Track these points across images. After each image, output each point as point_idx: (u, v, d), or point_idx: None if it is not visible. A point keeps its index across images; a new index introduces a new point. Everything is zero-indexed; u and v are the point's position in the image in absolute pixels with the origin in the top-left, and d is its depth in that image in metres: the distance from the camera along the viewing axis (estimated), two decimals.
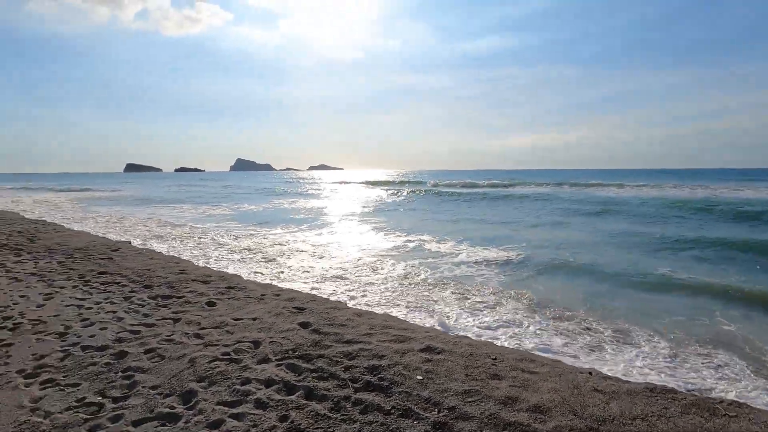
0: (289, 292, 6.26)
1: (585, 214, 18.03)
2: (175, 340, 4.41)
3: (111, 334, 4.63)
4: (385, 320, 5.03)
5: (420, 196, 30.67)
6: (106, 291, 6.21)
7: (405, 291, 7.02)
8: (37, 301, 5.72)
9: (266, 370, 3.73)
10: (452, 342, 4.36)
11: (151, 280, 6.75)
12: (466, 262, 9.08)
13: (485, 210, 21.38)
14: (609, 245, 11.20)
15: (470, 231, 13.94)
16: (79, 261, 8.13)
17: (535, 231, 14.19)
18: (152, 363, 3.95)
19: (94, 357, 4.08)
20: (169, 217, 18.92)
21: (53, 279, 6.84)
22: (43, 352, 4.19)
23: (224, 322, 4.90)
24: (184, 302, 5.65)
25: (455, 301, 6.52)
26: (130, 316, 5.19)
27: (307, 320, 4.89)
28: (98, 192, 42.94)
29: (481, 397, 3.29)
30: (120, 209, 23.00)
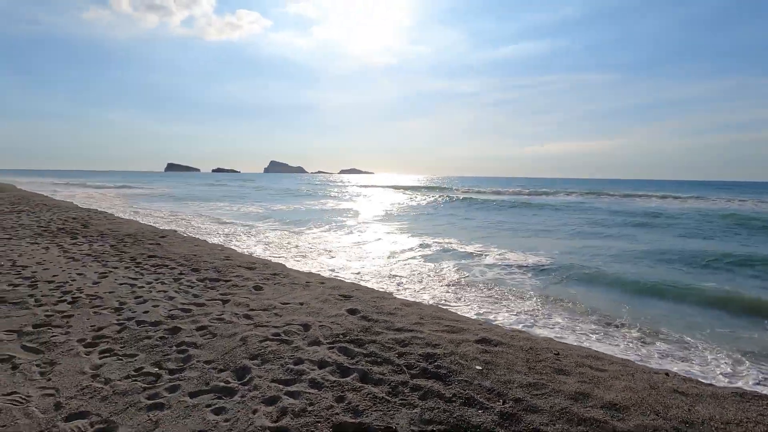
0: (333, 280, 6.20)
1: (626, 225, 17.12)
2: (226, 320, 4.41)
3: (163, 311, 4.69)
4: (434, 311, 4.86)
5: (449, 202, 30.22)
6: (156, 272, 6.35)
7: (444, 288, 6.82)
8: (93, 279, 5.91)
9: (318, 352, 3.64)
10: (509, 335, 4.13)
11: (198, 264, 6.86)
12: (499, 266, 8.73)
13: (516, 217, 20.75)
14: (650, 256, 10.44)
15: (500, 237, 13.52)
16: (129, 245, 8.42)
17: (569, 239, 13.59)
18: (205, 339, 3.95)
19: (148, 331, 4.13)
20: (208, 213, 19.48)
21: (107, 260, 7.08)
22: (101, 324, 4.29)
23: (272, 305, 4.87)
24: (231, 285, 5.68)
25: (497, 299, 6.26)
26: (181, 295, 5.26)
27: (355, 307, 4.78)
28: (142, 189, 44.96)
29: (549, 390, 3.06)
30: (162, 204, 23.94)
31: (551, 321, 5.36)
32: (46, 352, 3.69)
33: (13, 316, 4.49)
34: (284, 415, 2.74)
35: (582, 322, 5.35)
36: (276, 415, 2.74)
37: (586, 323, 5.32)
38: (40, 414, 2.76)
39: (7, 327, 4.20)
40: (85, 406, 2.85)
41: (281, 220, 17.50)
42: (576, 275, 8.01)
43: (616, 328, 5.22)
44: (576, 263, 9.07)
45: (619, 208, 24.83)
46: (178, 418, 2.73)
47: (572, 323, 5.31)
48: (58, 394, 2.99)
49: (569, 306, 6.08)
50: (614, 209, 24.10)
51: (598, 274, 8.22)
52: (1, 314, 4.54)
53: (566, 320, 5.42)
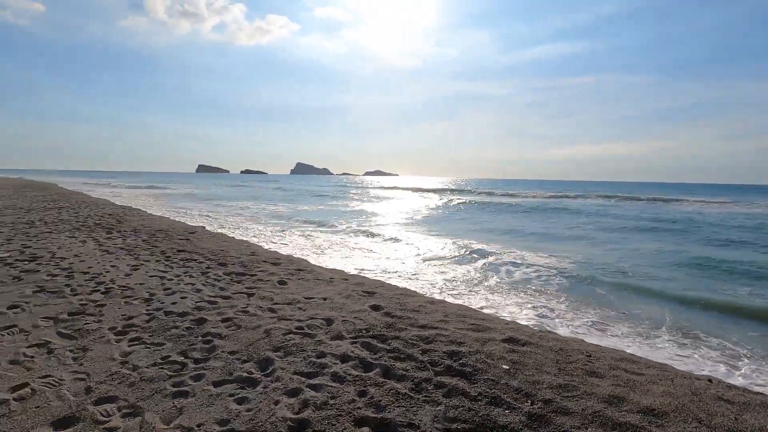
0: (357, 277, 6.17)
1: (656, 230, 16.36)
2: (250, 312, 4.45)
3: (191, 302, 4.78)
4: (459, 309, 4.75)
5: (475, 205, 29.78)
6: (185, 266, 6.50)
7: (469, 287, 6.67)
8: (125, 271, 6.10)
9: (341, 347, 3.61)
10: (537, 335, 3.98)
11: (225, 259, 6.98)
12: (525, 267, 8.49)
13: (542, 220, 20.21)
14: (684, 262, 9.86)
15: (525, 239, 13.18)
16: (160, 240, 8.67)
17: (597, 243, 13.09)
18: (229, 331, 3.98)
19: (176, 321, 4.21)
20: (235, 212, 19.91)
21: (138, 253, 7.30)
22: (131, 314, 4.40)
23: (296, 300, 4.88)
24: (256, 280, 5.74)
25: (523, 299, 6.08)
26: (208, 288, 5.34)
27: (379, 304, 4.73)
28: (174, 189, 46.46)
29: (581, 393, 2.92)
30: (193, 205, 24.66)
31: (580, 322, 5.15)
32: (79, 338, 3.81)
33: (51, 304, 4.67)
34: (306, 407, 2.71)
35: (613, 325, 5.11)
36: (298, 407, 2.72)
37: (618, 326, 5.09)
38: (72, 397, 2.83)
39: (44, 314, 4.37)
40: (114, 391, 2.91)
41: (305, 219, 17.67)
42: (606, 278, 7.68)
43: (651, 332, 4.95)
44: (606, 266, 8.73)
45: (649, 212, 23.84)
46: (202, 406, 2.74)
47: (603, 325, 5.08)
48: (88, 379, 3.07)
49: (599, 308, 5.83)
50: (642, 213, 23.16)
51: (629, 277, 7.87)
52: (40, 302, 4.73)
53: (596, 322, 5.20)
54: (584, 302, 6.10)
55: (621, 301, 6.25)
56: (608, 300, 6.28)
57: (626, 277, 7.88)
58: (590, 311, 5.68)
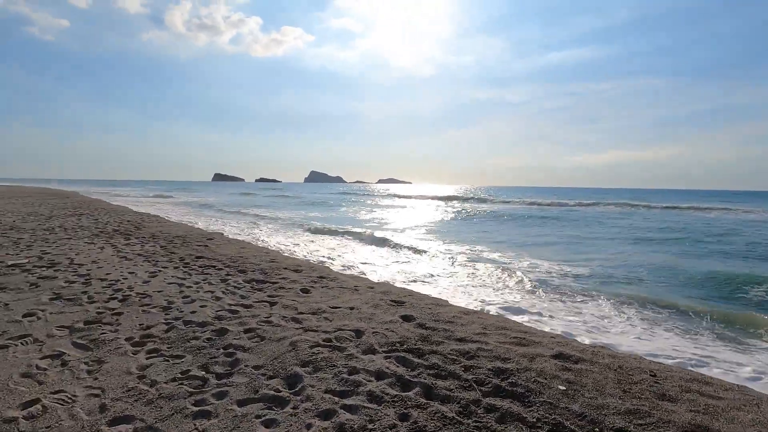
0: (383, 285, 5.86)
1: (696, 241, 15.66)
2: (274, 323, 4.17)
3: (211, 311, 4.52)
4: (497, 321, 4.38)
5: (491, 213, 29.22)
6: (204, 273, 6.27)
7: (500, 296, 6.29)
8: (143, 278, 5.90)
9: (374, 362, 3.29)
10: (589, 351, 3.59)
11: (244, 265, 6.75)
12: (556, 276, 8.08)
13: (569, 228, 19.62)
14: (718, 274, 9.33)
15: (550, 248, 12.69)
16: (179, 246, 8.50)
17: (631, 251, 12.52)
18: (253, 343, 3.70)
19: (196, 332, 3.95)
20: (252, 220, 19.84)
21: (157, 260, 7.13)
22: (149, 323, 4.16)
23: (321, 309, 4.59)
24: (278, 288, 5.47)
25: (561, 311, 5.67)
26: (228, 296, 5.09)
27: (410, 314, 4.40)
28: (192, 197, 46.97)
29: (655, 420, 2.53)
30: (210, 213, 24.75)
31: (631, 336, 4.73)
32: (95, 349, 3.57)
33: (67, 312, 4.47)
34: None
35: (668, 339, 4.68)
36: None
37: (675, 340, 4.65)
38: (85, 416, 2.57)
39: (60, 323, 4.16)
40: (130, 409, 2.64)
41: (318, 227, 17.45)
42: (649, 289, 7.22)
43: (713, 348, 4.51)
44: (645, 277, 8.25)
45: (678, 220, 22.99)
46: (226, 429, 2.45)
47: (656, 340, 4.65)
48: (103, 395, 2.81)
49: (649, 321, 5.39)
50: (671, 221, 22.34)
51: (676, 289, 7.39)
52: (56, 310, 4.54)
53: (648, 336, 4.77)
54: (632, 314, 5.66)
55: (670, 313, 5.79)
56: (659, 312, 5.83)
57: (672, 289, 7.40)
58: (641, 323, 5.25)
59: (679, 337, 4.88)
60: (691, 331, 5.07)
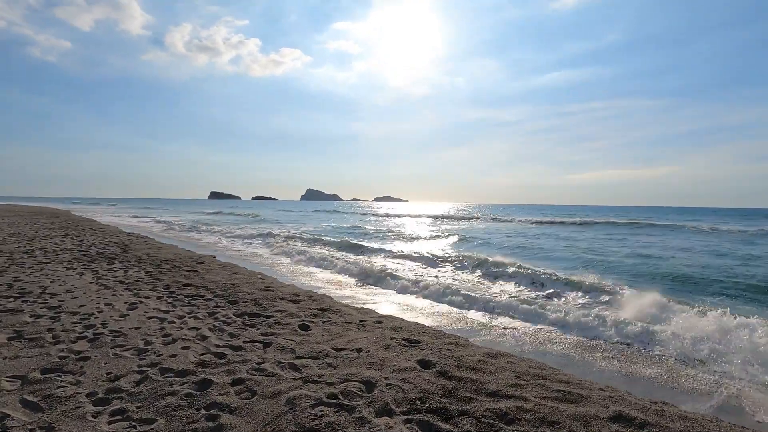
0: (392, 319, 5.20)
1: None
2: (267, 371, 3.50)
3: (194, 355, 3.86)
4: (531, 366, 3.74)
5: (491, 231, 28.65)
6: (190, 304, 5.60)
7: (522, 329, 5.65)
8: (121, 311, 5.23)
9: (392, 428, 2.64)
10: (655, 411, 2.95)
11: (236, 295, 6.08)
12: (579, 302, 7.45)
13: (583, 242, 19.06)
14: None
15: (568, 268, 12.08)
16: (165, 272, 7.82)
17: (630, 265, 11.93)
18: (241, 399, 3.04)
19: (173, 384, 3.28)
20: (245, 240, 19.15)
21: (139, 288, 6.45)
22: (119, 372, 3.49)
23: (323, 352, 3.93)
24: (273, 323, 4.81)
25: (602, 348, 5.03)
26: (215, 335, 4.43)
27: (427, 358, 3.76)
28: (188, 216, 46.16)
29: None
30: (199, 236, 23.99)
31: (696, 385, 4.07)
32: (47, 410, 2.90)
33: (24, 356, 3.80)
34: None
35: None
36: None
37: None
38: None
39: (13, 371, 3.49)
40: None
41: (318, 246, 16.78)
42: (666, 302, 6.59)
43: None
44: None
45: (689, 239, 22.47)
46: None
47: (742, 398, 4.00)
48: None
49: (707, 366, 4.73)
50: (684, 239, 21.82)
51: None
52: (13, 353, 3.86)
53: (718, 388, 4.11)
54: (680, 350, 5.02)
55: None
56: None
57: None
58: (698, 367, 4.61)
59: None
60: None
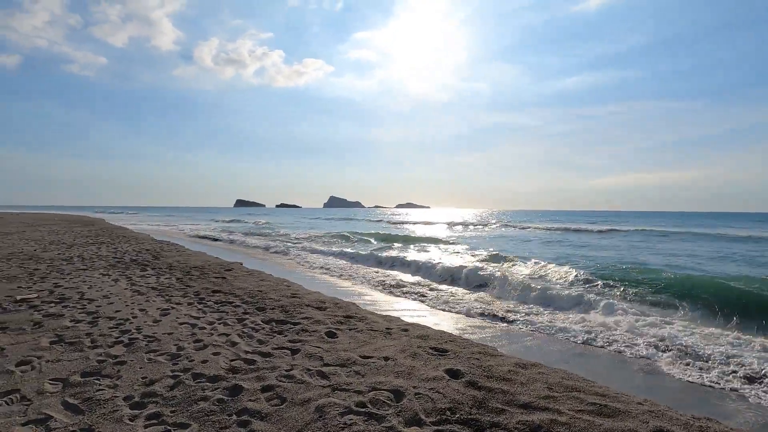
0: (417, 327, 5.16)
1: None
2: (296, 378, 3.53)
3: (224, 361, 3.93)
4: (564, 377, 3.63)
5: (514, 237, 28.16)
6: (220, 311, 5.72)
7: (550, 337, 5.50)
8: (154, 317, 5.39)
9: None
10: (697, 427, 2.81)
11: (263, 302, 6.17)
12: (611, 311, 7.20)
13: (607, 250, 18.49)
14: None
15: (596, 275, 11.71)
16: (195, 278, 8.03)
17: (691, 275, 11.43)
18: (271, 406, 3.07)
19: (205, 389, 3.35)
20: (272, 249, 19.47)
21: (171, 295, 6.63)
22: (154, 376, 3.59)
23: (350, 360, 3.93)
24: (300, 330, 4.85)
25: (640, 359, 4.84)
26: (244, 341, 4.50)
27: (456, 368, 3.71)
28: (213, 224, 47.40)
29: None
30: (224, 245, 24.56)
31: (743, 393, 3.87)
32: (87, 412, 3.00)
33: (65, 360, 3.95)
34: None
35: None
36: None
37: None
38: None
39: (55, 374, 3.64)
40: None
41: (339, 254, 16.87)
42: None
43: None
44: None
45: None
46: None
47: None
48: None
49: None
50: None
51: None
52: (54, 357, 4.03)
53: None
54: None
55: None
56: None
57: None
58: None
59: None
60: None
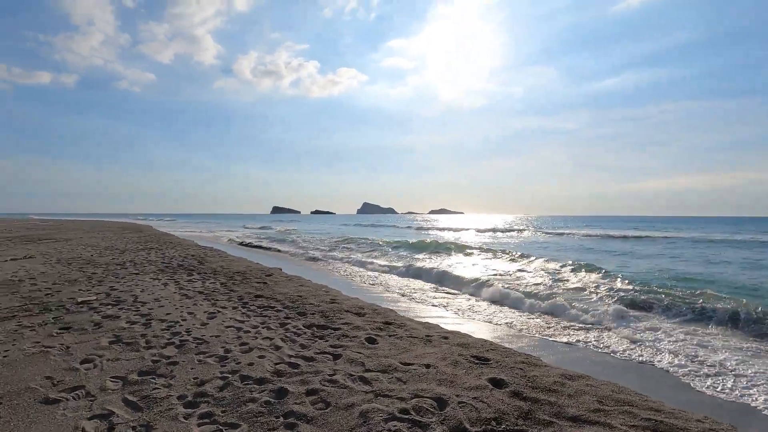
0: (458, 335, 5.11)
1: None
2: (339, 383, 3.59)
3: (269, 364, 4.05)
4: (614, 390, 3.49)
5: (552, 245, 27.28)
6: (263, 315, 5.90)
7: (597, 349, 5.28)
8: (202, 320, 5.63)
9: None
10: None
11: (304, 307, 6.31)
12: (660, 322, 6.82)
13: (656, 260, 17.57)
14: None
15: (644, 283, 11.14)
16: (238, 283, 8.33)
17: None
18: (316, 410, 3.14)
19: (252, 391, 3.46)
20: (303, 256, 19.85)
21: (216, 298, 6.91)
22: (204, 377, 3.75)
23: (392, 366, 3.95)
24: (341, 335, 4.92)
25: (699, 374, 4.56)
26: (287, 345, 4.62)
27: (499, 377, 3.64)
28: (245, 230, 48.93)
29: None
30: (262, 251, 25.28)
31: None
32: (145, 409, 3.18)
33: (123, 359, 4.20)
34: None
35: None
36: None
37: None
38: None
39: (115, 372, 3.88)
40: None
41: (365, 262, 16.95)
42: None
43: None
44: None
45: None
46: None
47: None
48: None
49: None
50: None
51: None
52: (113, 356, 4.29)
53: None
54: None
55: None
56: None
57: None
58: None
59: None
60: None
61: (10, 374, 3.76)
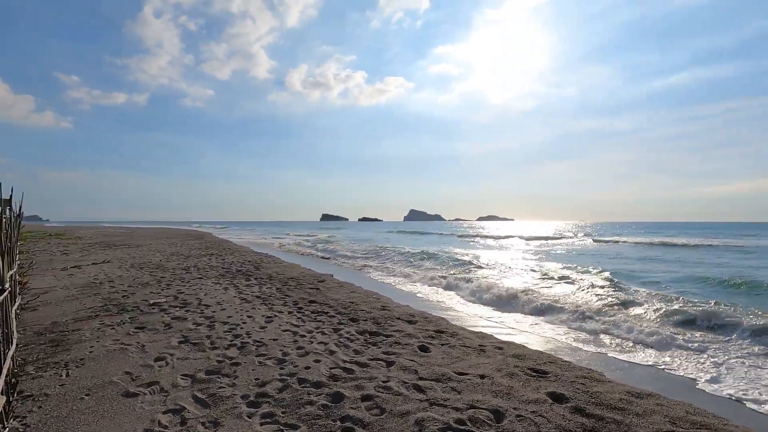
0: (513, 345, 4.97)
1: None
2: (393, 390, 3.61)
3: (325, 368, 4.16)
4: (689, 412, 3.23)
5: (598, 252, 25.62)
6: (317, 320, 6.08)
7: (665, 365, 4.90)
8: (260, 323, 5.90)
9: None
10: None
11: (356, 313, 6.43)
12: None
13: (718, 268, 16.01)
14: None
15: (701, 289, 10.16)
16: (292, 288, 8.64)
17: None
18: (372, 415, 3.18)
19: (310, 394, 3.58)
20: (347, 263, 20.15)
21: (273, 303, 7.21)
22: (265, 378, 3.93)
23: (445, 375, 3.92)
24: (393, 342, 4.96)
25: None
26: (341, 351, 4.72)
27: (559, 392, 3.50)
28: (293, 237, 50.49)
29: None
30: (311, 257, 25.97)
31: None
32: (213, 406, 3.39)
33: (191, 358, 4.50)
34: None
35: None
36: None
37: None
38: None
39: (185, 370, 4.16)
40: None
41: (425, 269, 16.83)
42: None
43: None
44: None
45: None
46: None
47: None
48: None
49: None
50: None
51: None
52: (183, 355, 4.61)
53: None
54: None
55: None
56: None
57: None
58: None
59: None
60: None
61: (97, 368, 4.16)
